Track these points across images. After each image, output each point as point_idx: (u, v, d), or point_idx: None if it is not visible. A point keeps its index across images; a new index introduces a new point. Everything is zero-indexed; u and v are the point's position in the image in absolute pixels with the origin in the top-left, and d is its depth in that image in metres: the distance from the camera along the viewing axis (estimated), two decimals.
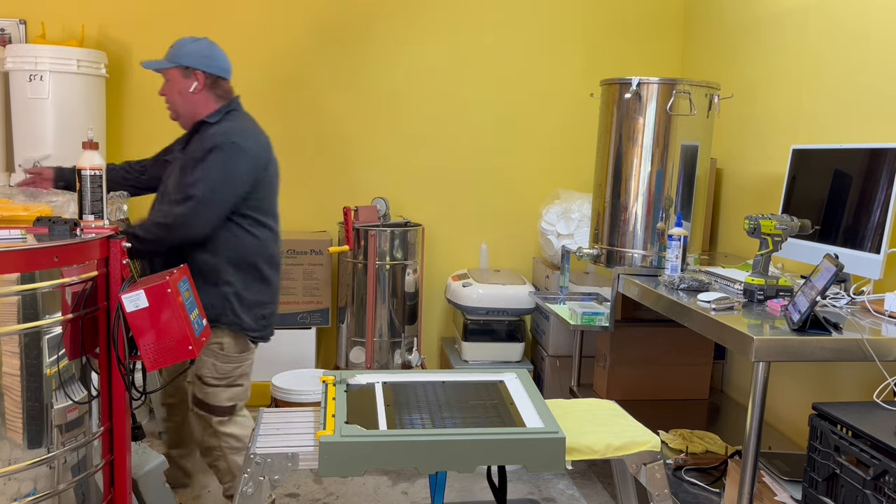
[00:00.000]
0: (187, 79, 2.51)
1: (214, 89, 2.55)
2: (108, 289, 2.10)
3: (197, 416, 2.59)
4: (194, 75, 2.51)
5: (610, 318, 3.07)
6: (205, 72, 2.51)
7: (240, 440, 2.58)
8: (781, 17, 3.32)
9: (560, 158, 4.24)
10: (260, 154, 2.52)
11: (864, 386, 2.66)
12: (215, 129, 2.48)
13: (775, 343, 2.03)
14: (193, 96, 2.52)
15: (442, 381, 2.22)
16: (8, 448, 1.88)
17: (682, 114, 2.93)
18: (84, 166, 2.12)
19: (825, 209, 2.63)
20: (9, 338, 1.86)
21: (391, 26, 4.09)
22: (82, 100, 3.57)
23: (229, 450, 2.58)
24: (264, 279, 2.56)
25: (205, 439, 2.61)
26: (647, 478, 1.98)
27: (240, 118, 2.58)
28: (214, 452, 2.61)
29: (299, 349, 3.85)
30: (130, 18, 3.90)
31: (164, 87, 2.55)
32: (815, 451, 1.96)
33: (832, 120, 2.97)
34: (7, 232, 1.96)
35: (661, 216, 3.00)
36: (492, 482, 2.28)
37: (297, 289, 3.85)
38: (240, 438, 2.58)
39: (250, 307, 2.52)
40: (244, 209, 2.49)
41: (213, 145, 2.41)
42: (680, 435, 2.98)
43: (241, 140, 2.46)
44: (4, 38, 3.80)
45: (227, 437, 2.57)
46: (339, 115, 4.13)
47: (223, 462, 2.61)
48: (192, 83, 2.51)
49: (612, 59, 4.19)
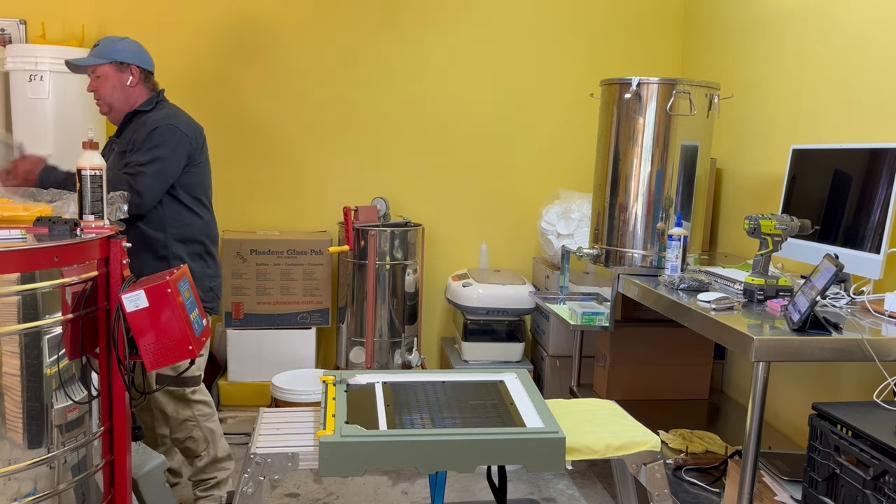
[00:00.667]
0: (122, 73, 2.73)
1: (146, 83, 2.79)
2: (108, 289, 2.10)
3: (169, 393, 2.75)
4: (129, 70, 2.74)
5: (610, 318, 3.07)
6: (139, 66, 2.75)
7: (210, 406, 2.83)
8: (781, 17, 3.32)
9: (560, 158, 4.24)
10: (194, 136, 2.76)
11: (864, 386, 2.66)
12: (153, 115, 2.74)
13: (775, 343, 2.03)
14: (131, 89, 2.75)
15: (442, 381, 2.23)
16: (8, 448, 1.88)
17: (682, 114, 2.93)
18: (84, 166, 2.12)
19: (825, 209, 2.63)
20: (9, 338, 1.85)
21: (391, 27, 4.09)
22: (82, 100, 3.55)
23: (202, 417, 2.80)
24: (210, 254, 2.85)
25: (179, 413, 2.77)
26: (647, 478, 1.99)
27: (169, 106, 2.82)
28: (189, 423, 2.79)
29: (299, 349, 3.85)
30: (130, 18, 3.90)
31: (95, 83, 2.74)
32: (815, 451, 1.96)
33: (832, 120, 2.97)
34: (7, 232, 1.96)
35: (661, 216, 3.00)
36: (492, 482, 2.28)
37: (297, 289, 3.85)
38: (209, 405, 2.83)
39: (199, 279, 2.72)
40: (186, 190, 2.74)
41: (154, 127, 2.67)
42: (680, 435, 2.98)
43: (178, 123, 2.72)
44: (4, 38, 3.80)
45: (199, 404, 2.79)
46: (340, 115, 4.13)
47: (198, 431, 2.79)
48: (129, 77, 2.74)
49: (612, 59, 4.19)
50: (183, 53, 3.95)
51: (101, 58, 2.72)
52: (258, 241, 3.81)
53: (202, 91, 3.95)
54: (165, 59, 3.92)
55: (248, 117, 4.04)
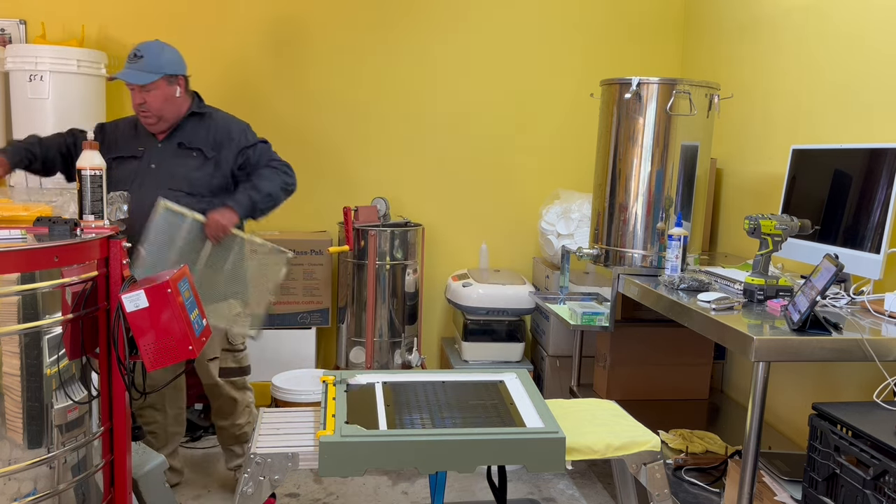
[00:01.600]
0: (171, 86, 2.76)
1: (187, 88, 2.86)
2: (108, 289, 2.10)
3: (231, 383, 2.99)
4: (177, 81, 2.78)
5: (610, 318, 3.07)
6: (184, 76, 2.82)
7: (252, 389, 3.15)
8: (781, 17, 3.32)
9: (560, 158, 4.24)
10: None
11: (864, 386, 2.66)
12: (218, 114, 2.91)
13: (775, 343, 2.03)
14: (178, 100, 2.79)
15: (442, 381, 2.23)
16: (8, 448, 1.88)
17: (682, 114, 2.93)
18: (84, 166, 2.12)
19: (825, 209, 2.63)
20: (9, 338, 1.85)
21: (392, 28, 4.09)
22: (82, 100, 3.56)
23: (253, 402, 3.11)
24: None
25: (245, 399, 3.04)
26: (647, 478, 1.99)
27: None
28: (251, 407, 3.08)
29: (299, 349, 3.85)
30: (130, 18, 3.90)
31: (144, 97, 2.72)
32: (815, 451, 1.96)
33: (832, 120, 2.97)
34: (7, 232, 1.96)
35: (661, 216, 3.00)
36: (492, 482, 2.28)
37: (297, 289, 3.85)
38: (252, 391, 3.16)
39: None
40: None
41: (241, 126, 2.90)
42: (680, 435, 2.98)
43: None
44: (4, 38, 3.80)
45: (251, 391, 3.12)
46: (340, 115, 4.13)
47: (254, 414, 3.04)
48: (177, 89, 2.78)
49: (612, 59, 4.19)
50: (183, 53, 3.94)
51: (153, 73, 2.70)
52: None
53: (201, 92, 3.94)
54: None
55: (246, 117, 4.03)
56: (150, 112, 2.74)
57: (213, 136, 2.82)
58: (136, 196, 2.51)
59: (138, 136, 2.84)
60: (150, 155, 2.79)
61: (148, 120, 2.76)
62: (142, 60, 2.71)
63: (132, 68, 2.71)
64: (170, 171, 2.76)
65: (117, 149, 2.80)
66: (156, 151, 2.80)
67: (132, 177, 2.73)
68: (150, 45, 2.76)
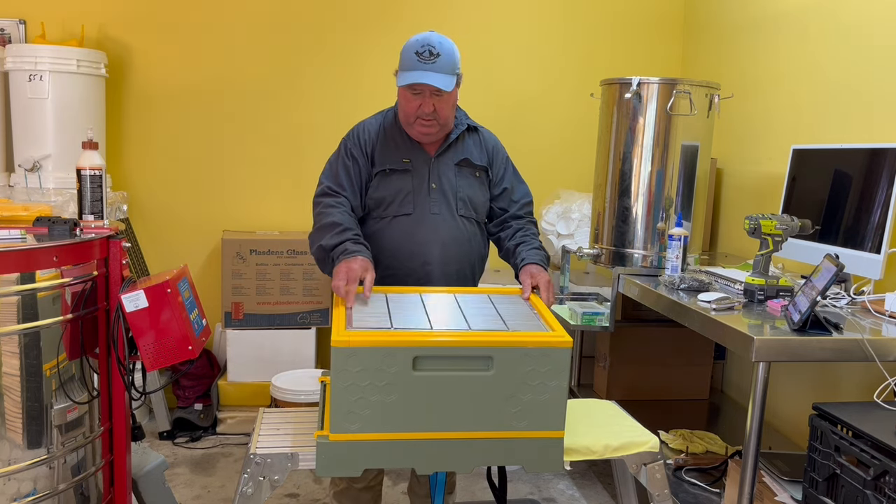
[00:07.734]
0: (458, 87, 2.26)
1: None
2: (108, 289, 2.10)
3: None
4: (459, 81, 2.27)
5: (610, 318, 3.06)
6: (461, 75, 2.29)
7: None
8: (781, 17, 3.32)
9: (560, 158, 4.24)
10: None
11: (864, 386, 2.65)
12: (483, 130, 2.43)
13: (775, 343, 2.03)
14: (456, 102, 2.31)
15: None
16: (8, 448, 1.88)
17: (682, 114, 2.93)
18: (84, 166, 2.12)
19: (825, 209, 2.63)
20: (9, 338, 1.85)
21: (390, 27, 4.09)
22: (82, 100, 3.56)
23: None
24: None
25: None
26: (647, 478, 1.98)
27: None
28: None
29: (299, 349, 3.85)
30: (130, 18, 3.90)
31: (439, 103, 2.19)
32: (816, 452, 1.96)
33: (832, 120, 2.97)
34: (7, 232, 1.96)
35: (662, 216, 2.99)
36: (492, 482, 2.27)
37: (297, 289, 3.85)
38: None
39: None
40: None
41: (503, 151, 2.46)
42: (680, 435, 2.98)
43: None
44: (4, 38, 3.79)
45: None
46: (339, 115, 4.12)
47: None
48: (457, 90, 2.26)
49: (612, 59, 4.18)
50: (184, 53, 3.95)
51: (451, 73, 2.18)
52: (258, 241, 3.80)
53: (202, 92, 3.95)
54: (165, 59, 3.94)
55: (247, 117, 4.04)
56: (433, 120, 2.21)
57: (494, 156, 2.40)
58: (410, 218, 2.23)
59: (398, 146, 2.31)
60: (423, 170, 2.29)
61: (428, 129, 2.23)
62: (440, 59, 2.14)
63: (430, 69, 2.13)
64: (454, 193, 2.30)
65: (381, 161, 2.31)
66: (432, 166, 2.30)
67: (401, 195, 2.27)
68: (441, 40, 2.18)
